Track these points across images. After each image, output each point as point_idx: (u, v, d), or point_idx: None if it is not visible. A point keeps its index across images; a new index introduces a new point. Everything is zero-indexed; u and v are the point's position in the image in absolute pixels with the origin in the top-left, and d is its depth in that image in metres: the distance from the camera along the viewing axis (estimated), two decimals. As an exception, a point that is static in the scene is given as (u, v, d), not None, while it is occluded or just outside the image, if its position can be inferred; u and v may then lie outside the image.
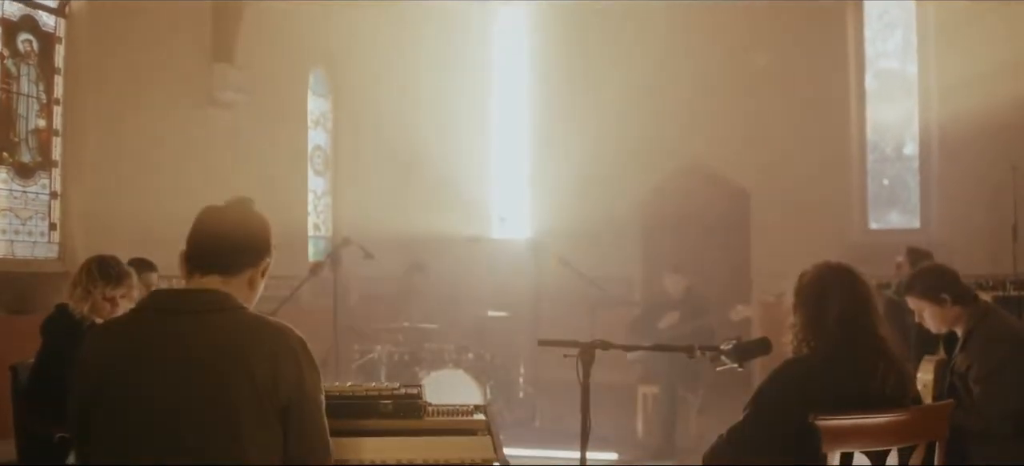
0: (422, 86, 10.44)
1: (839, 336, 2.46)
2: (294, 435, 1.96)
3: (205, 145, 7.72)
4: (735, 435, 2.50)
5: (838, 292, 2.53)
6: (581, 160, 10.09)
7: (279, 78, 8.77)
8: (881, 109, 9.86)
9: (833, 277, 2.58)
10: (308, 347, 2.03)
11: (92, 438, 1.92)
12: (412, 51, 10.27)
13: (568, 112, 10.22)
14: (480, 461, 2.47)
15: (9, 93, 6.33)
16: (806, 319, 2.54)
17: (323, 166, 10.20)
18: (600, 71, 10.00)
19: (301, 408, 1.97)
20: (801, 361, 2.51)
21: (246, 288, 2.10)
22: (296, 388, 1.96)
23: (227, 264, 2.06)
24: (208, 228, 2.08)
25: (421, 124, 10.41)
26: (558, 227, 9.89)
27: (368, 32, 9.65)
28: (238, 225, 2.12)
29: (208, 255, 2.05)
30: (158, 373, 1.89)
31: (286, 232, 8.82)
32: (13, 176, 6.38)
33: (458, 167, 10.51)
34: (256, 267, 2.12)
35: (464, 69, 10.86)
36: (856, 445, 2.25)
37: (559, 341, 2.78)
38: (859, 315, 2.49)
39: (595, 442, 6.46)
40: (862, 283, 2.58)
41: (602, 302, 7.38)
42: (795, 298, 2.62)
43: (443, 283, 8.80)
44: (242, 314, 2.01)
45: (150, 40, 7.18)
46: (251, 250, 2.11)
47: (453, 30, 10.58)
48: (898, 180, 9.90)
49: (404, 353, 7.11)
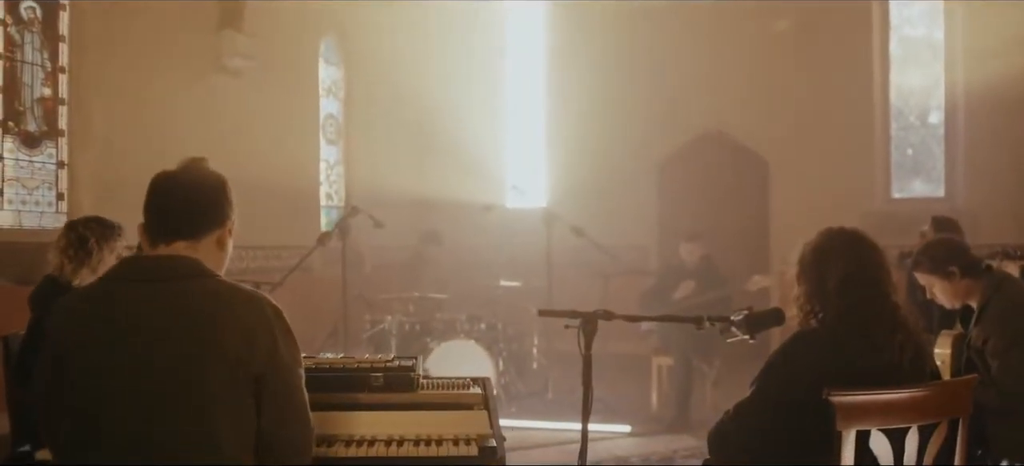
0: (436, 54, 10.27)
1: (844, 303, 2.31)
2: (268, 408, 1.87)
3: (213, 113, 7.60)
4: (741, 413, 2.36)
5: (841, 256, 2.38)
6: (597, 128, 9.93)
7: (289, 45, 8.62)
8: (906, 76, 9.59)
9: (835, 241, 2.43)
10: (284, 316, 1.92)
11: (58, 412, 1.83)
12: (425, 19, 10.10)
13: (584, 79, 10.03)
14: (475, 436, 2.35)
15: (13, 61, 6.24)
16: (809, 289, 2.39)
17: (335, 135, 10.08)
18: (617, 37, 9.79)
19: (275, 379, 1.87)
20: (811, 334, 2.36)
21: (215, 250, 2.01)
22: (270, 358, 1.85)
23: (192, 228, 1.96)
24: (166, 193, 1.97)
25: (434, 92, 10.26)
26: (573, 195, 9.76)
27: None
28: (196, 186, 2.01)
29: (170, 221, 1.95)
30: (125, 344, 1.80)
31: (298, 201, 8.85)
32: (19, 146, 6.31)
33: (472, 136, 10.36)
34: (223, 227, 2.03)
35: (478, 35, 10.68)
36: (873, 422, 2.11)
37: (560, 311, 2.67)
38: (865, 280, 2.34)
39: (608, 414, 6.45)
40: (869, 246, 2.43)
41: (616, 271, 7.24)
42: (797, 267, 2.47)
43: (456, 252, 8.70)
44: (214, 282, 1.91)
45: (156, 6, 7.05)
46: (214, 209, 2.01)
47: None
48: (923, 148, 9.65)
49: (415, 323, 7.03)
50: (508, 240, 9.08)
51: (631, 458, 5.45)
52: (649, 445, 5.78)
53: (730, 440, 2.38)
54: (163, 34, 7.16)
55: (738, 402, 2.39)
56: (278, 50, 8.40)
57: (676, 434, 6.03)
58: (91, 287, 1.99)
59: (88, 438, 1.79)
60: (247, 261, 8.27)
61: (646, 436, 6.02)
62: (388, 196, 9.33)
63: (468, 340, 6.75)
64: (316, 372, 2.46)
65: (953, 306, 3.52)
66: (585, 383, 2.54)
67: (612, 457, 5.48)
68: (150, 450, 1.77)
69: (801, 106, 9.16)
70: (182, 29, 7.38)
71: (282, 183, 8.42)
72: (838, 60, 9.15)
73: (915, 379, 2.26)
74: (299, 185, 9.01)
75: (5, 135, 6.20)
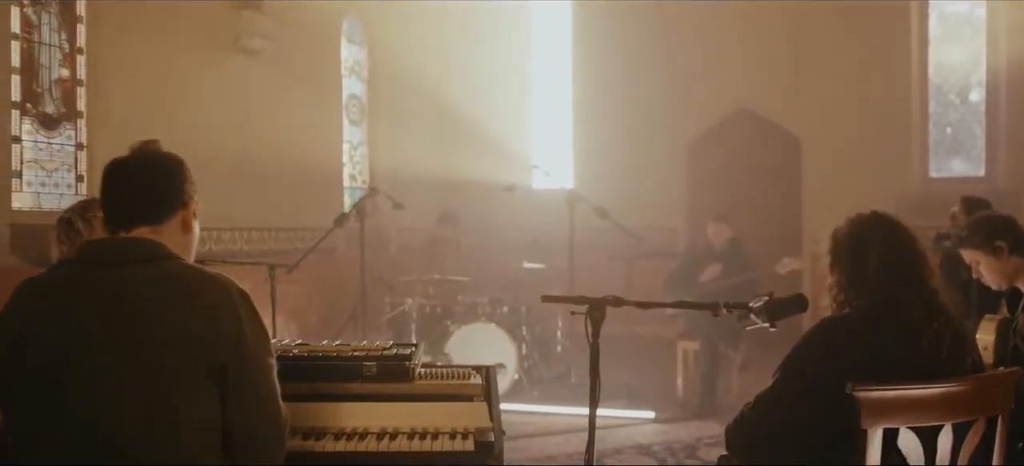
0: (461, 34, 10.11)
1: (881, 291, 2.13)
2: (234, 397, 1.75)
3: (233, 94, 7.54)
4: (761, 406, 2.19)
5: (877, 242, 2.19)
6: (624, 107, 9.73)
7: (310, 25, 8.51)
8: (946, 53, 9.24)
9: (870, 226, 2.25)
10: (251, 300, 1.80)
11: (17, 400, 1.73)
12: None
13: (612, 57, 9.82)
14: (473, 430, 2.21)
15: (31, 42, 6.19)
16: (844, 278, 2.21)
17: (359, 115, 9.98)
18: (645, 14, 9.54)
19: (241, 367, 1.75)
20: (839, 321, 2.19)
21: (180, 233, 1.91)
22: (235, 345, 1.74)
23: (152, 212, 1.86)
24: (119, 180, 1.88)
25: (459, 72, 10.12)
26: (600, 177, 9.59)
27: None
28: (151, 169, 1.91)
29: (128, 208, 1.86)
30: (81, 329, 1.70)
31: (321, 183, 8.77)
32: (38, 127, 6.27)
33: (497, 116, 10.22)
34: (186, 208, 1.92)
35: (504, 15, 10.49)
36: (902, 420, 1.94)
37: (566, 297, 2.52)
38: (903, 266, 2.15)
39: (632, 399, 6.28)
40: (905, 231, 2.24)
41: (640, 253, 7.06)
42: (830, 256, 2.30)
43: (478, 234, 8.58)
44: (177, 264, 1.80)
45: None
46: (172, 192, 1.91)
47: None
48: (962, 127, 9.32)
49: (436, 306, 6.92)
50: (532, 222, 8.93)
51: (653, 446, 5.30)
52: (673, 432, 5.62)
53: (750, 435, 2.22)
54: (181, 14, 7.08)
55: (759, 394, 2.23)
56: (299, 30, 8.30)
57: (701, 421, 5.86)
58: (50, 271, 1.89)
59: (44, 425, 1.70)
60: (269, 242, 8.23)
61: (670, 422, 5.86)
62: (412, 177, 9.22)
63: (489, 323, 6.64)
64: (307, 360, 2.35)
65: (999, 286, 3.27)
66: (592, 372, 2.39)
67: (634, 444, 5.34)
68: (105, 437, 1.67)
69: (835, 83, 8.88)
70: (201, 8, 7.31)
71: (304, 164, 8.35)
72: (874, 35, 8.84)
73: (954, 370, 2.08)
74: (322, 166, 8.94)
75: (23, 117, 6.16)
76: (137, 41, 6.78)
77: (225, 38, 7.57)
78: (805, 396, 2.09)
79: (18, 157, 6.12)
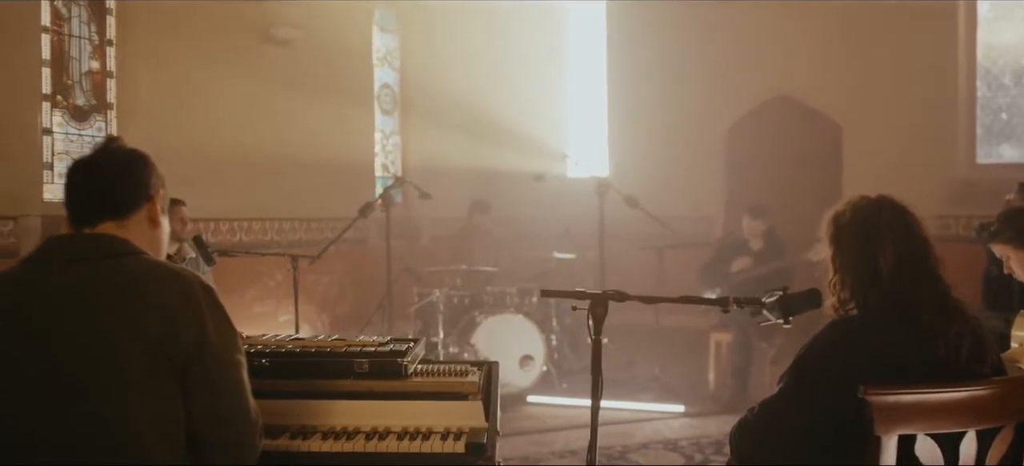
0: (494, 21, 10.01)
1: (897, 292, 1.97)
2: (198, 397, 1.68)
3: (262, 84, 7.53)
4: (767, 411, 2.05)
5: (891, 234, 2.03)
6: (659, 93, 9.53)
7: (340, 14, 8.48)
8: (997, 34, 8.87)
9: (881, 214, 2.08)
10: (216, 296, 1.73)
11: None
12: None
13: (647, 43, 9.62)
14: (467, 430, 2.13)
15: (61, 35, 6.25)
16: (853, 271, 2.04)
17: (391, 105, 9.94)
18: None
19: (204, 366, 1.68)
20: (848, 322, 2.03)
21: (147, 228, 1.85)
22: (197, 343, 1.67)
23: (115, 208, 1.80)
24: (81, 178, 1.83)
25: (493, 60, 10.02)
26: (635, 165, 9.42)
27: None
28: (114, 165, 1.86)
29: (89, 205, 1.81)
30: (37, 328, 1.64)
31: (352, 173, 8.75)
32: (68, 119, 6.34)
33: (530, 105, 10.09)
34: (151, 201, 1.86)
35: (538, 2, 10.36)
36: (919, 425, 1.79)
37: (566, 292, 2.42)
38: (921, 263, 1.99)
39: (662, 392, 6.15)
40: (918, 221, 2.08)
41: (672, 243, 6.91)
42: (832, 245, 2.12)
43: (509, 224, 8.49)
44: (137, 260, 1.74)
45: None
46: (135, 184, 1.85)
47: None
48: (1015, 110, 8.94)
49: (464, 296, 6.84)
50: (563, 211, 8.81)
51: (681, 441, 5.16)
52: (702, 427, 5.47)
53: (753, 442, 2.08)
54: (210, 5, 7.10)
55: (764, 399, 2.09)
56: (329, 19, 8.28)
57: (732, 415, 5.67)
58: (12, 268, 1.84)
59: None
60: (301, 233, 8.24)
61: (700, 417, 5.72)
62: (445, 166, 9.16)
63: (517, 314, 6.54)
64: (298, 357, 2.28)
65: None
66: (594, 370, 2.29)
67: (661, 439, 5.21)
68: (61, 441, 1.61)
69: (877, 66, 8.58)
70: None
71: (335, 154, 8.34)
72: (919, 17, 8.51)
73: (973, 373, 1.92)
74: (353, 156, 8.91)
75: (54, 109, 6.23)
76: (166, 33, 6.81)
77: (254, 28, 7.57)
78: (813, 402, 1.94)
79: (49, 149, 6.19)
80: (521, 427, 5.59)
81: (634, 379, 6.70)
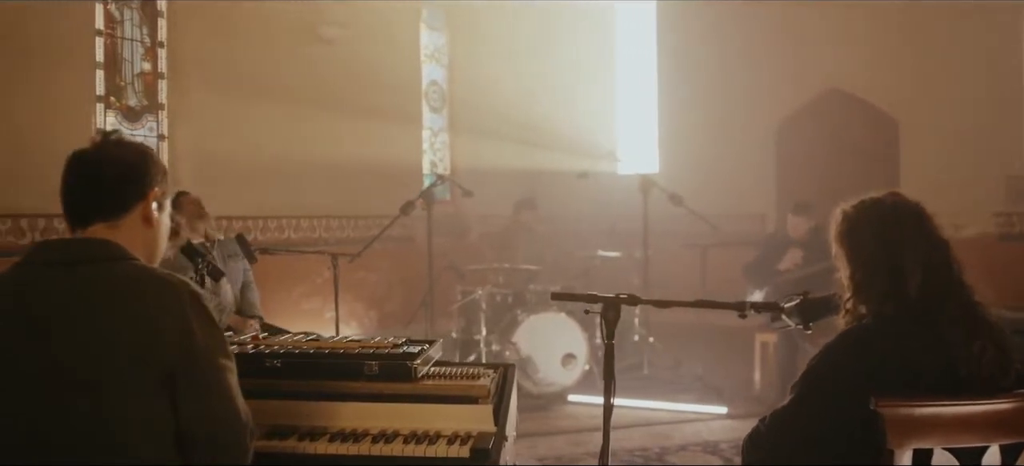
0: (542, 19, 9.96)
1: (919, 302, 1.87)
2: (186, 403, 1.67)
3: (311, 82, 7.62)
4: (778, 421, 1.99)
5: (910, 239, 1.93)
6: (710, 88, 9.38)
7: (386, 12, 8.54)
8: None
9: (898, 216, 1.98)
10: (202, 301, 1.72)
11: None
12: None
13: (697, 38, 9.48)
14: (476, 434, 2.11)
15: (114, 37, 6.42)
16: (864, 276, 1.95)
17: (440, 102, 9.98)
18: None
19: (192, 372, 1.68)
20: (862, 331, 1.93)
21: (141, 228, 1.84)
22: (183, 350, 1.66)
23: (107, 207, 1.79)
24: (75, 173, 1.81)
25: (541, 58, 9.98)
26: (686, 162, 9.30)
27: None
28: (107, 160, 1.83)
29: (81, 202, 1.80)
30: (22, 335, 1.65)
31: (400, 171, 8.81)
32: (121, 120, 6.51)
33: (578, 103, 10.03)
34: (144, 199, 1.84)
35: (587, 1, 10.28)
36: (936, 439, 1.71)
37: (577, 295, 2.39)
38: (944, 270, 1.90)
39: (705, 394, 6.04)
40: (933, 220, 1.98)
41: (716, 241, 6.79)
42: (842, 247, 2.03)
43: (553, 222, 8.44)
44: (125, 266, 1.73)
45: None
46: (130, 182, 1.82)
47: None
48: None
49: (507, 294, 6.82)
50: (609, 209, 8.73)
51: (721, 443, 5.06)
52: (743, 429, 5.20)
53: (765, 452, 2.02)
54: (258, 5, 7.22)
55: (775, 409, 2.02)
56: (376, 17, 8.34)
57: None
58: (4, 272, 1.85)
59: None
60: (348, 231, 8.33)
61: (742, 419, 5.59)
62: (492, 164, 9.17)
63: (559, 313, 6.50)
64: (310, 358, 2.29)
65: None
66: (606, 375, 2.25)
67: (701, 441, 5.12)
68: (52, 442, 1.62)
69: (936, 59, 8.27)
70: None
71: (383, 152, 8.40)
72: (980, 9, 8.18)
73: (995, 385, 1.82)
74: (401, 154, 8.97)
75: (107, 110, 6.40)
76: (215, 34, 6.95)
77: (301, 28, 7.67)
78: (825, 411, 1.88)
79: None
80: (560, 426, 5.56)
81: (679, 379, 6.61)
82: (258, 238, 7.31)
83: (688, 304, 2.39)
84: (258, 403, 2.02)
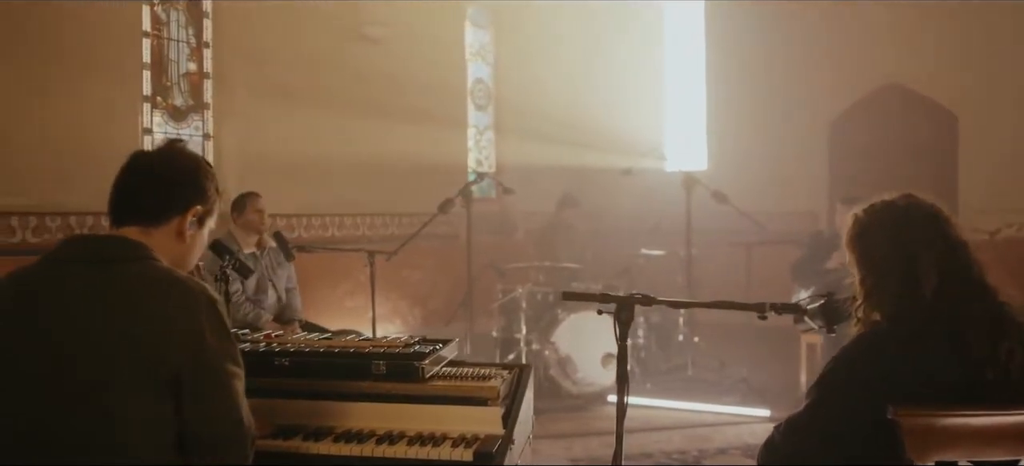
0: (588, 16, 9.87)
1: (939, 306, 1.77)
2: (190, 406, 1.66)
3: (356, 81, 7.66)
4: (792, 430, 1.90)
5: (930, 241, 1.82)
6: (760, 84, 9.18)
7: (432, 10, 8.54)
8: None
9: (915, 218, 1.88)
10: (219, 308, 1.71)
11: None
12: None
13: (748, 32, 9.27)
14: (483, 437, 2.06)
15: (160, 38, 6.54)
16: (880, 280, 1.85)
17: (485, 100, 9.96)
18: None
19: (198, 374, 1.66)
20: (876, 334, 1.84)
21: (172, 241, 1.84)
22: (192, 354, 1.65)
23: (145, 212, 1.80)
24: (126, 173, 1.83)
25: (587, 55, 9.89)
26: (734, 159, 9.11)
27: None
28: (158, 168, 1.85)
29: (123, 202, 1.81)
30: (37, 329, 1.66)
31: (445, 168, 8.81)
32: (167, 119, 6.63)
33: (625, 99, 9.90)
34: (182, 215, 1.84)
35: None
36: (960, 452, 1.61)
37: (589, 295, 2.32)
38: (965, 272, 1.79)
39: (749, 396, 5.90)
40: (951, 221, 1.87)
41: (762, 239, 6.63)
42: (854, 251, 1.94)
43: (595, 219, 8.35)
44: (145, 267, 1.73)
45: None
46: (173, 195, 1.83)
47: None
48: None
49: (548, 293, 6.76)
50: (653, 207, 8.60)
51: (762, 447, 4.91)
52: (787, 433, 5.20)
53: (780, 460, 1.93)
54: (302, 5, 7.28)
55: (790, 416, 1.93)
56: (421, 15, 8.35)
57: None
58: (29, 266, 1.86)
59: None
60: (392, 228, 8.36)
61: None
62: (538, 161, 9.10)
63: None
64: (319, 357, 2.27)
65: None
66: (619, 377, 2.18)
67: (741, 445, 4.99)
68: (47, 446, 1.62)
69: (996, 54, 7.95)
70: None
71: (428, 150, 8.40)
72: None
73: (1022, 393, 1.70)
74: (446, 151, 8.96)
75: (154, 109, 6.52)
76: (260, 34, 7.03)
77: (346, 27, 7.71)
78: (840, 418, 1.78)
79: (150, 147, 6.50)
80: (597, 427, 5.48)
81: (723, 381, 6.47)
82: (301, 236, 7.38)
83: (705, 305, 2.32)
84: (266, 402, 2.01)
